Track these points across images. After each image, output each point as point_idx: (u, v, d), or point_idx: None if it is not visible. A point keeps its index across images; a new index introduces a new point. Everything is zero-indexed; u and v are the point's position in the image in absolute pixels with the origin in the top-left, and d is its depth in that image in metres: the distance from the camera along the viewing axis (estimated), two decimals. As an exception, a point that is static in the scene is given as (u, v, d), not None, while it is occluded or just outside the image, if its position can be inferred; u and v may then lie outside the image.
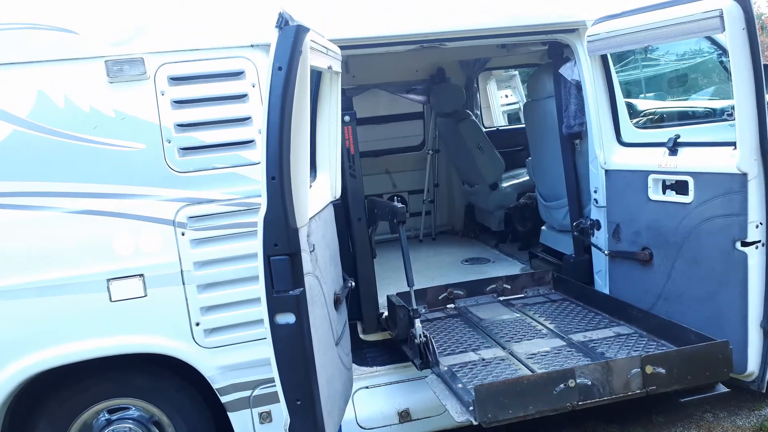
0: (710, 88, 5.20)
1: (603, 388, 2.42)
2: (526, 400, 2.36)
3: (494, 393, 2.36)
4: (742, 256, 2.80)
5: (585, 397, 2.40)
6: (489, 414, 2.32)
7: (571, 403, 2.39)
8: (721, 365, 2.55)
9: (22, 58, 2.72)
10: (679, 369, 2.51)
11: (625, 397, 2.48)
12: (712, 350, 2.58)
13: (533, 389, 2.38)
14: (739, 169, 2.75)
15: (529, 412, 2.35)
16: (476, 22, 3.35)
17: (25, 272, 2.73)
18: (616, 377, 2.45)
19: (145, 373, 3.05)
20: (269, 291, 2.23)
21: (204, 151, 2.90)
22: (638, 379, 2.46)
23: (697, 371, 2.53)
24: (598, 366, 2.48)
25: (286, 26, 2.14)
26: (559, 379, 2.39)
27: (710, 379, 2.56)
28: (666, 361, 2.51)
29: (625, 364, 2.48)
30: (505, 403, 2.34)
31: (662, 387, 2.50)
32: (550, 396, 2.38)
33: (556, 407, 2.39)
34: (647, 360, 2.49)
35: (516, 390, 2.37)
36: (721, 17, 2.61)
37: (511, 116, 8.08)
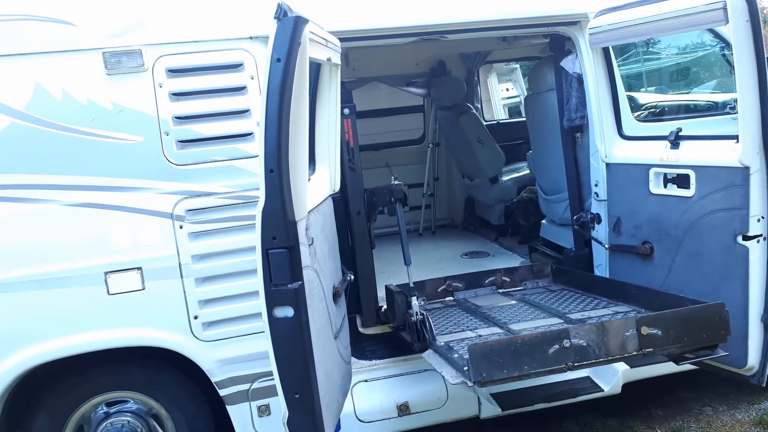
0: (712, 82, 5.17)
1: (599, 349, 2.40)
2: (521, 360, 2.32)
3: (488, 352, 2.32)
4: (744, 250, 2.79)
5: (580, 358, 2.37)
6: (483, 373, 2.29)
7: (567, 363, 2.36)
8: (717, 327, 2.52)
9: (19, 50, 2.70)
10: (675, 330, 2.48)
11: (621, 358, 2.45)
12: (708, 311, 2.55)
13: (527, 349, 2.34)
14: (742, 162, 2.73)
15: (524, 371, 2.32)
16: (477, 14, 3.32)
17: (22, 265, 2.72)
18: (611, 338, 2.43)
19: (143, 367, 3.04)
20: (268, 284, 2.22)
21: (202, 143, 2.88)
22: (634, 340, 2.44)
23: (694, 332, 2.51)
24: (593, 327, 2.45)
25: (285, 17, 2.12)
26: (554, 339, 2.36)
27: (707, 341, 2.53)
28: (661, 322, 2.48)
29: (620, 326, 2.46)
30: (500, 362, 2.31)
31: (659, 349, 2.47)
32: (544, 356, 2.35)
33: (552, 367, 2.36)
34: (642, 321, 2.47)
35: (510, 349, 2.34)
36: (724, 9, 2.59)
37: (511, 109, 8.06)
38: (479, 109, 6.59)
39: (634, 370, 3.55)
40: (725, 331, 2.54)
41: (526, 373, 2.32)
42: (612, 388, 3.49)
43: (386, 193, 3.31)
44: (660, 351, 2.48)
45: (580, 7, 3.43)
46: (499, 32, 3.64)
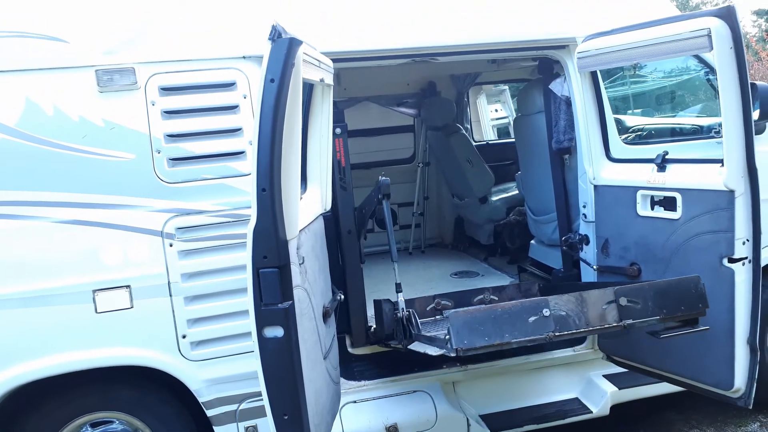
0: (698, 106, 5.26)
1: (579, 320, 2.42)
2: (502, 328, 2.34)
3: (469, 320, 2.34)
4: (729, 273, 2.82)
5: (561, 327, 2.39)
6: (465, 340, 2.30)
7: (548, 333, 2.37)
8: (695, 299, 2.56)
9: (11, 66, 2.70)
10: (653, 302, 2.52)
11: (602, 329, 2.47)
12: (684, 284, 2.60)
13: (508, 317, 2.37)
14: (726, 186, 2.78)
15: (506, 339, 2.33)
16: (467, 37, 3.38)
17: (9, 282, 2.69)
18: (590, 309, 2.46)
19: (129, 386, 3.00)
20: (258, 303, 2.21)
21: (194, 161, 2.89)
22: (613, 311, 2.47)
23: (672, 305, 2.54)
24: (571, 297, 2.48)
25: (279, 39, 2.15)
26: (533, 307, 2.39)
27: (686, 313, 2.56)
28: (639, 294, 2.52)
29: (598, 296, 2.49)
30: (481, 330, 2.33)
31: (639, 321, 2.50)
32: (525, 324, 2.37)
33: (533, 337, 2.37)
34: (620, 292, 2.50)
35: (491, 317, 2.36)
36: (709, 36, 2.65)
37: (500, 130, 8.14)
38: (469, 129, 6.65)
39: (623, 391, 3.56)
40: (703, 303, 2.57)
41: (507, 341, 2.33)
42: (600, 409, 3.50)
43: (374, 193, 3.32)
44: (640, 323, 2.50)
45: (568, 32, 3.49)
46: (489, 55, 3.69)
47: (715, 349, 2.92)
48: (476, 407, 3.52)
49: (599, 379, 3.64)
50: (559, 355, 3.72)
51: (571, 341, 3.76)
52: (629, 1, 3.70)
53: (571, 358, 3.73)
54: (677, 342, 3.06)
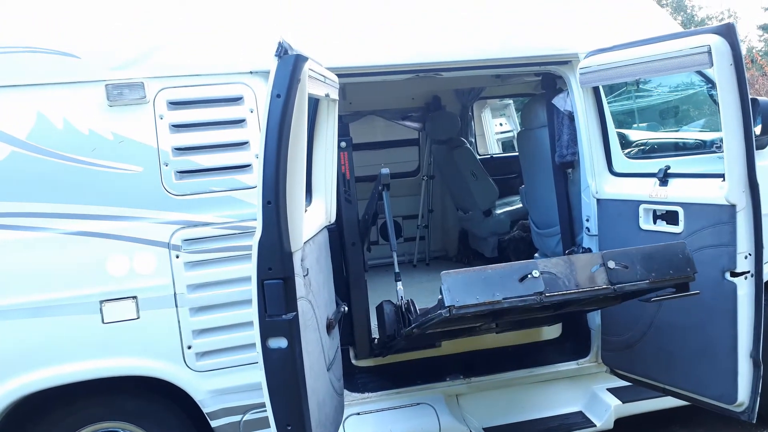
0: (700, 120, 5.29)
1: (568, 281, 2.45)
2: (493, 288, 2.38)
3: (461, 280, 2.38)
4: (732, 287, 2.83)
5: (551, 288, 2.42)
6: (457, 299, 2.34)
7: (538, 294, 2.40)
8: (683, 263, 2.59)
9: (23, 81, 2.76)
10: (641, 265, 2.55)
11: (593, 291, 2.49)
12: (671, 249, 2.63)
13: (498, 278, 2.40)
14: (728, 200, 2.79)
15: (496, 298, 2.37)
16: (471, 52, 3.42)
17: (18, 292, 2.73)
18: (579, 271, 2.48)
19: (134, 396, 3.02)
20: (262, 315, 2.23)
21: (201, 174, 2.93)
22: (602, 274, 2.50)
23: (660, 268, 2.57)
24: (560, 260, 2.51)
25: (286, 55, 2.19)
26: (523, 268, 2.42)
27: (675, 276, 2.59)
28: (626, 258, 2.55)
29: (586, 260, 2.53)
30: (472, 289, 2.37)
31: (629, 284, 2.52)
32: (515, 284, 2.40)
33: (524, 296, 2.40)
34: (608, 255, 2.53)
35: (481, 278, 2.40)
36: (709, 53, 2.68)
37: (505, 144, 8.17)
38: (473, 143, 6.68)
39: (627, 405, 3.55)
40: (691, 268, 2.60)
41: (498, 300, 2.36)
42: (604, 423, 3.49)
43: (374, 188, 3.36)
44: (630, 286, 2.53)
45: (571, 48, 3.53)
46: (492, 70, 3.73)
47: (718, 363, 2.92)
48: (480, 420, 3.51)
49: (603, 393, 3.63)
50: (562, 369, 3.72)
51: (575, 353, 3.77)
52: (631, 18, 3.75)
53: (575, 371, 3.73)
54: (681, 356, 3.07)
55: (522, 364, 3.71)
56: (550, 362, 3.71)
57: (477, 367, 3.67)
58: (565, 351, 3.84)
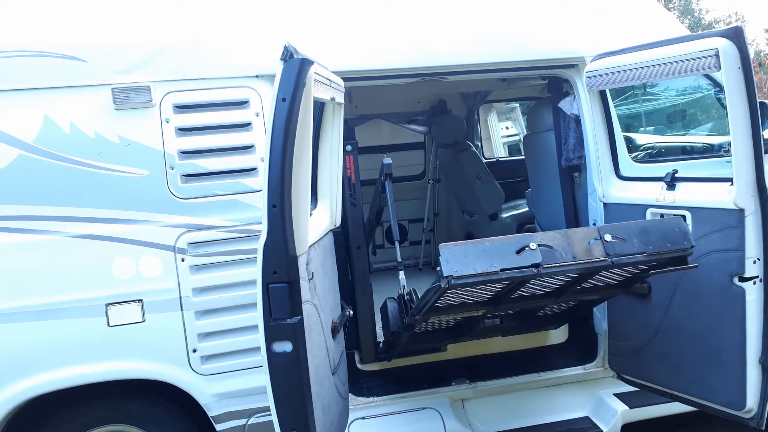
0: (708, 124, 5.26)
1: (565, 253, 2.45)
2: (490, 259, 2.37)
3: (459, 251, 2.37)
4: (740, 292, 2.81)
5: (548, 259, 2.42)
6: (455, 269, 2.33)
7: (536, 266, 2.39)
8: (680, 237, 2.58)
9: (31, 84, 2.77)
10: (637, 238, 2.54)
11: (590, 263, 2.48)
12: (667, 223, 2.63)
13: (496, 250, 2.40)
14: (736, 204, 2.77)
15: (494, 269, 2.36)
16: (477, 56, 3.41)
17: (24, 295, 2.74)
18: (576, 244, 2.48)
19: (139, 399, 3.03)
20: (267, 318, 2.23)
21: (206, 177, 2.93)
22: (599, 247, 2.49)
23: (657, 241, 2.56)
24: (556, 234, 2.51)
25: (291, 59, 2.19)
26: (520, 241, 2.43)
27: (672, 249, 2.58)
28: (623, 231, 2.55)
29: (583, 233, 2.53)
30: (470, 260, 2.36)
31: (626, 256, 2.51)
32: (512, 256, 2.39)
33: (521, 267, 2.39)
34: (604, 229, 2.54)
35: (479, 249, 2.39)
36: (717, 56, 2.66)
37: (511, 147, 8.15)
38: (479, 146, 6.67)
39: (634, 411, 3.52)
40: (687, 241, 2.59)
41: (495, 270, 2.36)
42: (611, 429, 3.46)
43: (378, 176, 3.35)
44: (628, 259, 2.52)
45: (577, 51, 3.52)
46: (498, 74, 3.73)
47: (726, 369, 2.89)
48: (485, 425, 3.50)
49: (610, 398, 3.61)
50: (569, 373, 3.70)
51: (582, 358, 3.74)
52: (638, 21, 3.73)
53: (582, 376, 3.70)
54: (688, 361, 3.05)
55: (528, 368, 3.69)
56: (557, 367, 3.69)
57: (483, 372, 3.66)
58: (572, 356, 3.82)
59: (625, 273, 2.78)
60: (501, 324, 3.30)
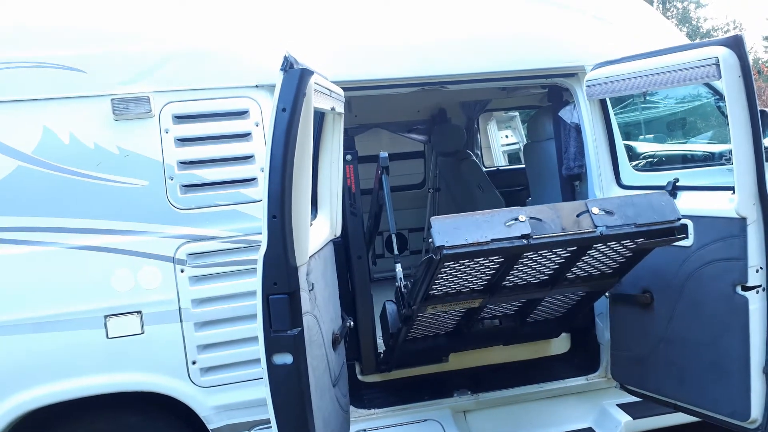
0: (708, 132, 5.26)
1: (554, 225, 2.49)
2: (481, 230, 2.42)
3: (450, 223, 2.42)
4: (743, 301, 2.79)
5: (537, 231, 2.46)
6: (446, 239, 2.37)
7: (526, 236, 2.43)
8: (666, 209, 2.62)
9: (29, 95, 2.77)
10: (625, 211, 2.58)
11: (579, 234, 2.51)
12: (653, 197, 2.68)
13: (486, 222, 2.45)
14: (738, 213, 2.76)
15: (485, 239, 2.40)
16: (477, 65, 3.41)
17: (22, 307, 2.72)
18: (565, 217, 2.52)
19: (137, 412, 3.00)
20: (267, 330, 2.21)
21: (206, 188, 2.92)
22: (587, 219, 2.53)
23: (645, 213, 2.60)
24: (545, 207, 2.56)
25: (291, 69, 2.18)
26: (510, 213, 2.48)
27: (659, 221, 2.61)
28: (610, 204, 2.60)
29: (571, 207, 2.58)
30: (461, 232, 2.40)
31: (615, 228, 2.54)
32: (502, 227, 2.44)
33: (511, 237, 2.43)
34: (591, 203, 2.58)
35: (470, 221, 2.44)
36: (717, 65, 2.66)
37: (511, 156, 8.15)
38: (479, 155, 6.67)
39: (637, 421, 3.50)
40: (673, 213, 2.63)
41: (486, 240, 2.40)
42: (614, 439, 3.44)
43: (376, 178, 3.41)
44: (616, 230, 2.55)
45: (577, 60, 3.52)
46: (498, 83, 3.73)
47: (730, 379, 2.87)
48: (487, 437, 3.47)
49: (613, 409, 3.58)
50: (572, 384, 3.67)
51: (584, 368, 3.72)
52: (637, 30, 3.74)
53: (585, 386, 3.68)
54: (692, 371, 3.02)
55: (531, 379, 3.66)
56: (559, 377, 3.66)
57: (485, 383, 3.63)
58: (575, 366, 3.80)
59: (615, 254, 2.79)
60: (500, 325, 3.29)
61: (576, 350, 3.92)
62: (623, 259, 2.87)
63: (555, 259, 2.71)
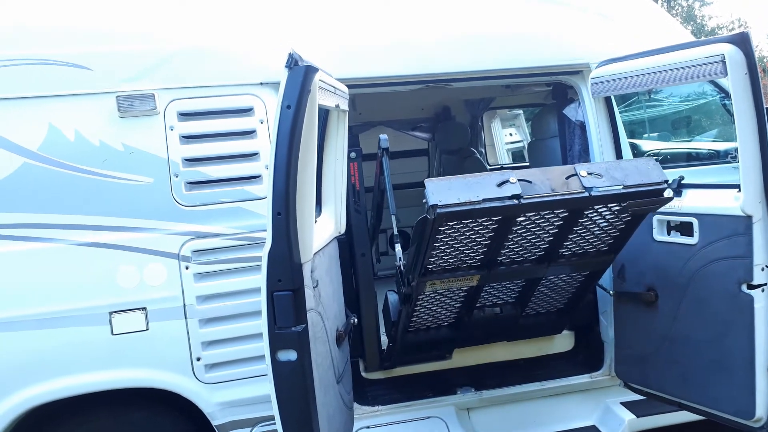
0: (714, 130, 5.24)
1: (544, 186, 2.56)
2: (473, 190, 2.49)
3: (443, 184, 2.49)
4: (748, 299, 2.78)
5: (527, 191, 2.53)
6: (440, 198, 2.44)
7: (516, 196, 2.49)
8: (652, 172, 2.68)
9: (35, 92, 2.77)
10: (613, 173, 2.64)
11: (569, 194, 2.57)
12: (640, 161, 2.74)
13: (478, 182, 2.53)
14: (744, 211, 2.75)
15: (477, 198, 2.47)
16: (481, 63, 3.41)
17: (27, 304, 2.73)
18: (554, 179, 2.58)
19: (142, 408, 3.01)
20: (271, 327, 2.21)
21: (211, 185, 2.93)
22: (576, 181, 2.59)
23: (632, 175, 2.66)
24: (534, 170, 2.64)
25: (296, 66, 2.19)
26: (501, 176, 2.55)
27: (647, 182, 2.67)
28: (598, 167, 2.66)
29: (559, 170, 2.64)
30: (454, 192, 2.47)
31: (603, 188, 2.61)
32: (494, 188, 2.51)
33: (502, 197, 2.50)
34: (579, 166, 2.64)
35: (463, 182, 2.51)
36: (723, 62, 2.65)
37: (515, 154, 8.13)
38: (483, 153, 6.65)
39: (641, 419, 3.49)
40: (660, 175, 2.69)
41: (478, 200, 2.47)
42: (618, 437, 3.43)
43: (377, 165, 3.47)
44: (606, 191, 2.61)
45: (582, 57, 3.51)
46: (502, 81, 3.72)
47: (734, 378, 2.86)
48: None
49: (617, 407, 3.58)
50: (575, 382, 3.67)
51: (588, 366, 3.71)
52: (642, 27, 3.73)
53: (588, 384, 3.67)
54: (696, 370, 3.02)
55: (534, 377, 3.66)
56: (563, 375, 3.66)
57: (489, 380, 3.63)
58: (578, 364, 3.79)
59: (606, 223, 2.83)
60: (501, 313, 3.29)
61: (580, 348, 3.92)
62: (616, 232, 2.90)
63: (548, 228, 2.75)
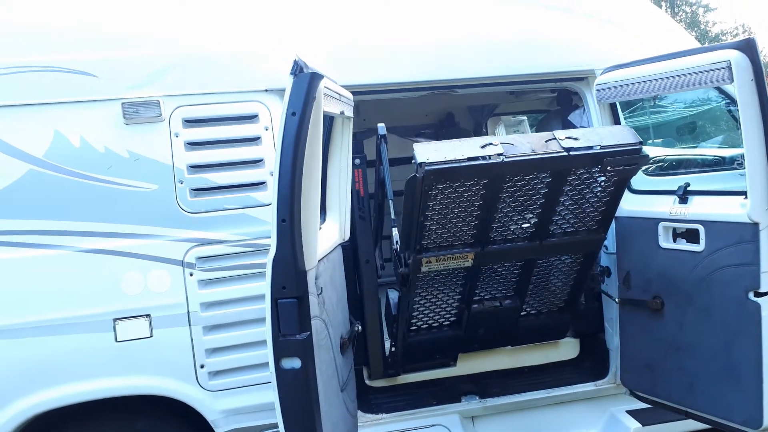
0: (719, 136, 5.22)
1: (524, 147, 2.72)
2: (458, 151, 2.63)
3: (431, 146, 2.65)
4: (755, 307, 2.76)
5: (509, 151, 2.68)
6: (428, 157, 2.58)
7: (498, 155, 2.64)
8: (627, 136, 2.83)
9: (41, 99, 2.78)
10: (589, 137, 2.80)
11: (549, 154, 2.71)
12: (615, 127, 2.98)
13: (463, 144, 2.69)
14: (751, 218, 2.73)
15: (462, 156, 2.62)
16: (486, 70, 3.41)
17: (32, 311, 2.73)
18: (534, 142, 2.75)
19: (145, 415, 3.00)
20: (276, 334, 2.21)
21: (215, 192, 2.93)
22: (555, 144, 2.74)
23: (607, 138, 2.81)
24: (516, 136, 2.87)
25: (301, 73, 2.19)
26: (485, 139, 2.72)
27: (622, 143, 2.80)
28: (575, 133, 2.82)
29: (539, 135, 2.81)
30: (440, 152, 2.61)
31: (582, 149, 2.74)
32: (478, 149, 2.66)
33: (486, 155, 2.64)
34: (559, 132, 2.79)
35: (449, 144, 2.67)
36: (729, 69, 2.64)
37: (519, 160, 8.10)
38: (487, 159, 6.63)
39: (647, 428, 3.46)
40: (635, 137, 2.82)
41: (463, 158, 2.62)
42: (624, 446, 3.40)
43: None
44: (583, 151, 2.75)
45: (587, 64, 3.51)
46: (507, 87, 3.72)
47: (742, 386, 2.84)
48: (496, 443, 3.45)
49: (622, 415, 3.55)
50: (581, 390, 3.64)
51: (594, 374, 3.69)
52: (647, 33, 3.72)
53: (594, 392, 3.65)
54: (703, 378, 3.00)
55: (539, 385, 3.64)
56: (568, 383, 3.64)
57: (493, 388, 3.61)
58: (584, 372, 3.77)
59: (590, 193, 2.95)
60: (500, 306, 3.30)
61: (585, 356, 3.89)
62: (602, 205, 3.02)
63: (534, 197, 2.87)
